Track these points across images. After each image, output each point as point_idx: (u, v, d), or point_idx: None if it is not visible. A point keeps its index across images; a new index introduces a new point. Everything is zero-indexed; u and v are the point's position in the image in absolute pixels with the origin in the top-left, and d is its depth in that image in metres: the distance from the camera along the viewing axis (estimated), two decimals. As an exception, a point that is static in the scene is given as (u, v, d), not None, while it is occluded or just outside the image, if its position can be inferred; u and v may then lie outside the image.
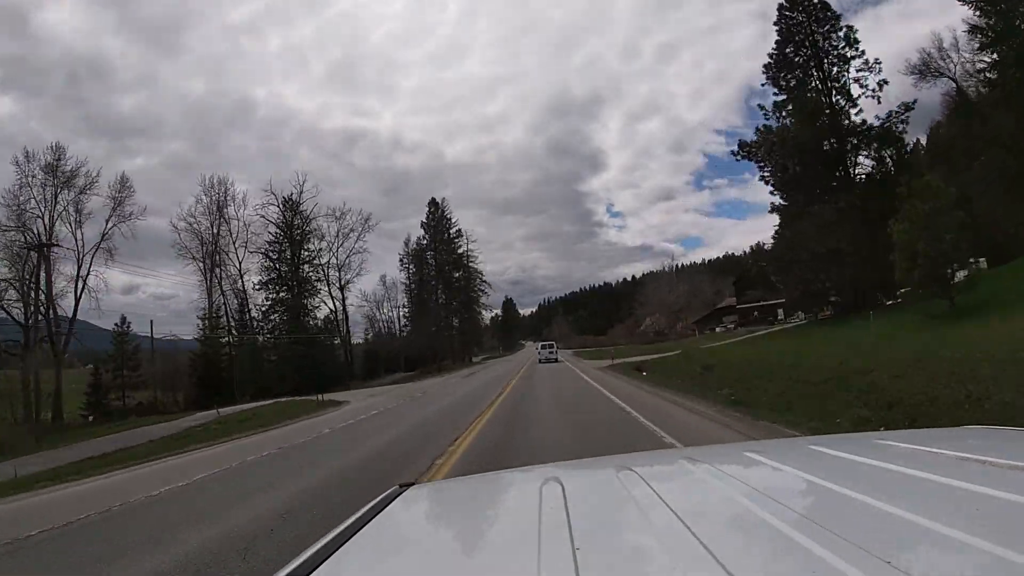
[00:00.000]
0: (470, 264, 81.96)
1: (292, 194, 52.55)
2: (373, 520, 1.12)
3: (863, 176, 25.78)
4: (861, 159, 26.08)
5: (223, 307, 48.98)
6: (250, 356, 46.26)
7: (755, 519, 0.85)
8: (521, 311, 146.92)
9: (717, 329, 51.06)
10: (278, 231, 51.71)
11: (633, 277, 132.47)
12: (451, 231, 66.54)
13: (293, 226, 52.43)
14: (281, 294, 50.51)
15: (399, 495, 1.33)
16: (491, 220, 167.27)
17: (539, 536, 0.84)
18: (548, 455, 6.98)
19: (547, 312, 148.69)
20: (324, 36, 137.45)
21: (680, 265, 79.72)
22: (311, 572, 0.84)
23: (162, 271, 74.28)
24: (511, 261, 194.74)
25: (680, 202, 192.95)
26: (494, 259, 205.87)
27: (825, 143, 25.64)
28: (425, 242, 65.00)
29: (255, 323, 49.69)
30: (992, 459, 1.02)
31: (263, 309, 50.10)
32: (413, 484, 1.47)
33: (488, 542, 1.04)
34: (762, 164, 27.17)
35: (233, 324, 48.83)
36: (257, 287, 50.00)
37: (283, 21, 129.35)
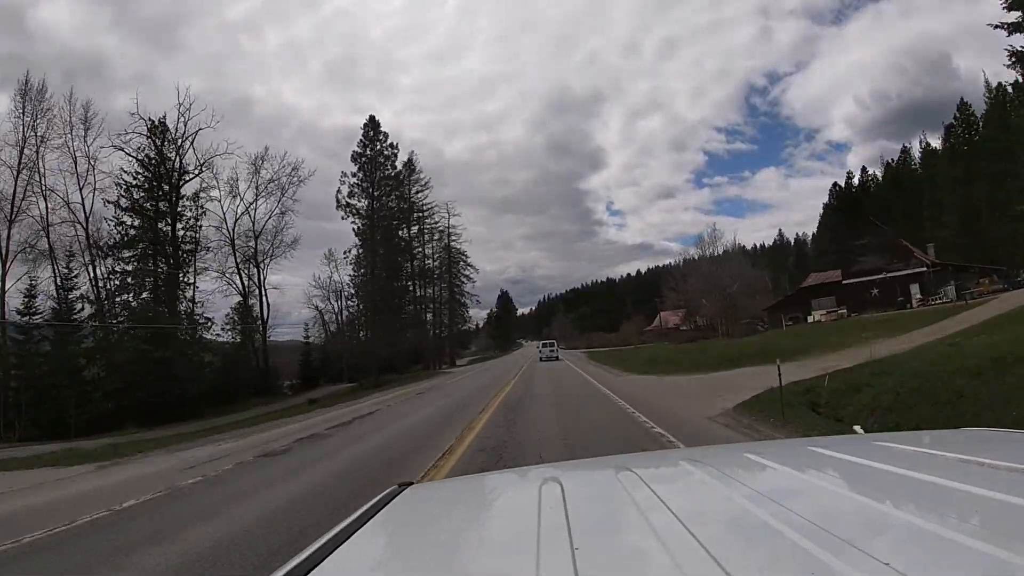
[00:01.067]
0: (452, 243, 65.23)
1: (165, 117, 35.09)
2: (372, 519, 1.10)
3: None
4: None
5: (53, 284, 31.52)
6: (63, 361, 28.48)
7: (755, 520, 0.85)
8: (521, 310, 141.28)
9: (811, 317, 33.48)
10: (142, 171, 34.22)
11: (639, 272, 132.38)
12: (394, 161, 44.36)
13: (167, 163, 34.97)
14: (138, 264, 33.01)
15: (398, 494, 1.30)
16: (491, 219, 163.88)
17: (538, 536, 0.83)
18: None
19: (547, 310, 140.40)
20: (323, 34, 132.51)
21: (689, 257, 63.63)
22: (310, 571, 0.82)
23: None
24: (511, 260, 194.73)
25: (680, 200, 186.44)
26: (494, 258, 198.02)
27: None
28: (356, 180, 42.86)
29: (102, 307, 32.13)
30: (992, 461, 1.01)
31: (112, 287, 32.62)
32: (412, 483, 1.43)
33: (487, 542, 1.03)
34: None
35: (61, 308, 31.30)
36: (104, 252, 32.56)
37: (281, 19, 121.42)
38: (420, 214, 53.84)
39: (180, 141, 35.67)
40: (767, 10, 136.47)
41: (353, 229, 40.89)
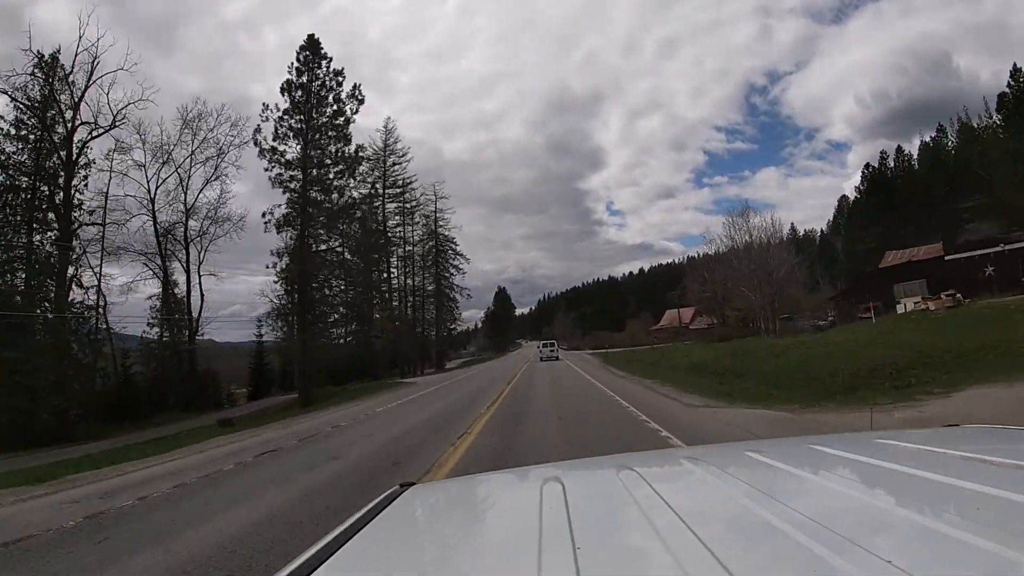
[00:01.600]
0: (440, 230, 57.27)
1: (59, 51, 26.94)
2: (374, 520, 1.10)
3: None
4: None
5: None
6: None
7: (756, 519, 0.85)
8: (521, 310, 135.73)
9: (900, 306, 25.37)
10: (23, 116, 26.11)
11: (641, 270, 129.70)
12: (339, 93, 30.32)
13: (58, 107, 26.87)
14: (12, 235, 24.90)
15: (400, 495, 1.29)
16: (490, 219, 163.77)
17: (540, 536, 0.83)
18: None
19: (548, 309, 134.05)
20: (322, 32, 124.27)
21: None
22: (312, 572, 0.82)
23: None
24: (511, 260, 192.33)
25: (680, 200, 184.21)
26: (494, 258, 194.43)
27: None
28: (284, 116, 29.26)
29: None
30: (992, 458, 1.01)
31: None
32: (414, 484, 1.42)
33: (489, 542, 1.02)
34: None
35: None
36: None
37: (280, 18, 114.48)
38: (398, 189, 45.88)
39: (85, 82, 27.67)
40: (767, 9, 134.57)
41: (270, 178, 29.07)
